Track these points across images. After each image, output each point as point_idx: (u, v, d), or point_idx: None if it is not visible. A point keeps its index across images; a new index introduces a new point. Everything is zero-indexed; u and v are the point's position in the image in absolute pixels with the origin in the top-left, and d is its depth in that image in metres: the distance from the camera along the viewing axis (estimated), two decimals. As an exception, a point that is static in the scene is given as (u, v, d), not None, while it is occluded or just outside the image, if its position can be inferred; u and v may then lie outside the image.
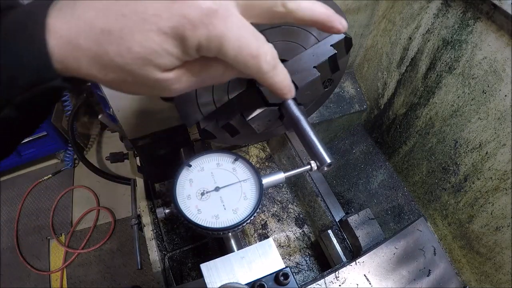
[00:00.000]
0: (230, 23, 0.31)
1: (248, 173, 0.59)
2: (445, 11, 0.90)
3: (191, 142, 0.90)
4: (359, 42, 1.23)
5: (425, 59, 1.00)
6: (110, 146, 2.45)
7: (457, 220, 0.99)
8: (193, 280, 0.97)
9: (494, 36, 0.79)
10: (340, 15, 0.40)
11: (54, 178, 2.35)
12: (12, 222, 2.17)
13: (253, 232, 1.06)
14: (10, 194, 2.31)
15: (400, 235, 0.81)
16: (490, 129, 0.85)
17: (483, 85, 0.84)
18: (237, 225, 0.53)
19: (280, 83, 0.39)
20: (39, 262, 2.04)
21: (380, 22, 1.14)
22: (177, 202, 0.55)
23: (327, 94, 0.76)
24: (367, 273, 0.76)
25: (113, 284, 1.93)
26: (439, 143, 1.02)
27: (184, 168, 0.59)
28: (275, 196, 1.14)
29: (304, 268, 1.02)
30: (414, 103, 1.08)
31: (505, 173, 0.83)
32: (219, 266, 0.55)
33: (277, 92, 0.40)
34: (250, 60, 0.34)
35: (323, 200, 1.00)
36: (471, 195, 0.93)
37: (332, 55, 0.56)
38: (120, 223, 2.14)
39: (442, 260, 0.79)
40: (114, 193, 2.23)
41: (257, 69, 0.35)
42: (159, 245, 1.00)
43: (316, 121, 1.25)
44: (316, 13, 0.37)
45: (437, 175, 1.04)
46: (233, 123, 0.58)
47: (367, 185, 1.27)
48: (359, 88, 1.34)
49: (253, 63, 0.34)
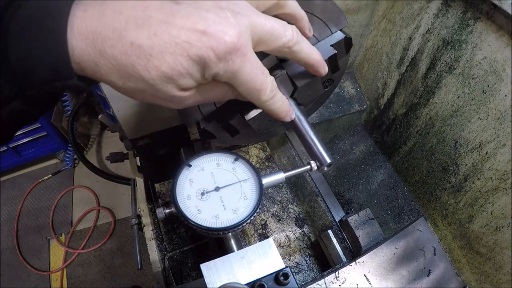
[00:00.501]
0: (246, 61, 0.36)
1: (248, 173, 0.59)
2: (445, 11, 0.90)
3: (191, 142, 0.90)
4: (359, 42, 1.23)
5: (425, 59, 1.00)
6: (110, 146, 2.45)
7: (457, 220, 0.99)
8: (193, 280, 0.97)
9: (494, 36, 0.79)
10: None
11: (54, 178, 2.35)
12: (12, 222, 2.17)
13: (253, 232, 1.06)
14: (10, 194, 2.31)
15: (400, 235, 0.81)
16: (490, 129, 0.85)
17: (483, 85, 0.84)
18: (237, 225, 0.53)
19: (276, 109, 0.45)
20: (39, 262, 2.04)
21: (380, 22, 1.14)
22: (177, 202, 0.55)
23: (327, 94, 0.76)
24: (367, 273, 0.76)
25: (113, 284, 1.93)
26: (439, 143, 1.02)
27: (184, 168, 0.59)
28: (275, 196, 1.14)
29: (304, 268, 1.02)
30: (414, 103, 1.08)
31: (505, 173, 0.83)
32: (219, 266, 0.54)
33: (274, 116, 0.47)
34: (253, 92, 0.40)
35: (323, 200, 1.00)
36: (471, 195, 0.93)
37: (332, 55, 0.56)
38: (120, 223, 2.14)
39: (442, 260, 0.79)
40: (114, 193, 2.23)
41: (257, 99, 0.41)
42: (159, 245, 1.00)
43: (316, 121, 1.25)
44: (311, 59, 0.45)
45: (437, 175, 1.04)
46: (233, 123, 0.58)
47: (367, 185, 1.27)
48: (359, 88, 1.34)
49: (256, 94, 0.40)
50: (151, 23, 0.32)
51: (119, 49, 0.31)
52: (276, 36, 0.39)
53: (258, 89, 0.39)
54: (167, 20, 0.32)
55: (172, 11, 0.32)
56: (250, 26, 0.36)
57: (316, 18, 0.56)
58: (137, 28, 0.31)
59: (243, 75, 0.37)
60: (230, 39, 0.33)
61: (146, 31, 0.31)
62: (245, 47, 0.35)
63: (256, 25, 0.37)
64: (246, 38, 0.35)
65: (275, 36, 0.39)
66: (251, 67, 0.37)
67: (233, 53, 0.34)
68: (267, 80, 0.40)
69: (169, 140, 0.85)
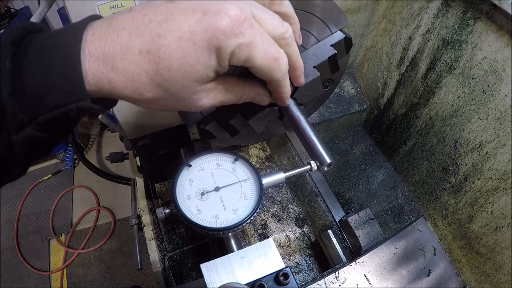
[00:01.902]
0: (255, 31, 0.34)
1: (248, 173, 0.59)
2: (445, 11, 0.90)
3: (191, 142, 0.90)
4: (359, 42, 1.23)
5: (425, 59, 1.00)
6: (110, 146, 2.45)
7: (457, 220, 0.99)
8: (193, 280, 0.97)
9: (494, 36, 0.79)
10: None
11: (54, 178, 2.35)
12: (12, 222, 2.17)
13: (253, 232, 1.06)
14: (10, 194, 2.31)
15: (400, 235, 0.81)
16: (490, 129, 0.85)
17: (483, 85, 0.84)
18: (237, 225, 0.53)
19: (288, 87, 0.43)
20: (39, 262, 2.04)
21: (380, 22, 1.14)
22: (177, 202, 0.55)
23: (327, 94, 0.76)
24: (367, 273, 0.76)
25: (113, 284, 1.93)
26: (439, 143, 1.02)
27: (184, 168, 0.59)
28: (275, 196, 1.14)
29: (304, 268, 1.02)
30: (414, 103, 1.08)
31: (505, 173, 0.83)
32: (219, 266, 0.55)
33: (283, 95, 0.44)
34: (273, 63, 0.37)
35: (323, 200, 1.00)
36: (471, 195, 0.93)
37: (332, 55, 0.56)
38: (120, 223, 2.14)
39: (442, 260, 0.79)
40: (114, 193, 2.23)
41: (278, 70, 0.38)
42: (159, 245, 1.00)
43: (316, 121, 1.25)
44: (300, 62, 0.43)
45: (437, 175, 1.04)
46: (233, 123, 0.58)
47: (367, 185, 1.27)
48: (359, 88, 1.34)
49: (276, 65, 0.37)
50: (152, 27, 0.32)
51: (129, 60, 0.32)
52: (275, 25, 0.38)
53: (276, 57, 0.37)
54: (167, 18, 0.32)
55: (170, 9, 0.33)
56: (250, 8, 0.35)
57: (316, 18, 0.56)
58: (141, 36, 0.32)
59: (258, 47, 0.35)
60: (234, 12, 0.32)
61: (149, 36, 0.32)
62: (250, 19, 0.34)
63: (254, 10, 0.36)
64: (248, 13, 0.34)
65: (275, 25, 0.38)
66: (262, 38, 0.35)
67: (241, 25, 0.33)
68: (280, 50, 0.38)
69: (169, 140, 0.85)
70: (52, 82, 0.30)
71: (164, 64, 0.32)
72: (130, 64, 0.32)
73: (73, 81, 0.31)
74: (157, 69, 0.32)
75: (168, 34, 0.32)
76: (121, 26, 0.32)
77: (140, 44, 0.32)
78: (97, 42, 0.32)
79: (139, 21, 0.33)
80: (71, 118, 0.33)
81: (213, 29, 0.32)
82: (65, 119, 0.32)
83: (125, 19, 0.33)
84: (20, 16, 1.95)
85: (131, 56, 0.32)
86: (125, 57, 0.32)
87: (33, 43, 0.31)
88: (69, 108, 0.31)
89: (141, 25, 0.32)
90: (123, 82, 0.33)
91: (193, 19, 0.32)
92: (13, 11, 1.97)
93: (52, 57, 0.31)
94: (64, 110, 0.31)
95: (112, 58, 0.32)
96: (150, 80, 0.33)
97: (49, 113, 0.31)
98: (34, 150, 0.35)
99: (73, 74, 0.31)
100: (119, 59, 0.32)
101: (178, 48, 0.32)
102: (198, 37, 0.32)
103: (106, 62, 0.32)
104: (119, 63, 0.32)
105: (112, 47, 0.32)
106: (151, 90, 0.34)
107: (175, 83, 0.34)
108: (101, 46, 0.32)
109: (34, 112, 0.31)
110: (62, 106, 0.31)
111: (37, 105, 0.31)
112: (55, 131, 0.35)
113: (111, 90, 0.33)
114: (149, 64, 0.32)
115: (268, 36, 0.36)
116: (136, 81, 0.33)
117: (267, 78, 0.39)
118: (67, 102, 0.31)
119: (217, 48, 0.33)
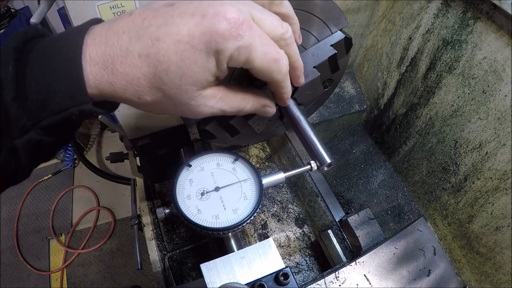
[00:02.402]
0: (254, 33, 0.34)
1: (248, 173, 0.59)
2: (445, 11, 0.90)
3: (191, 142, 0.90)
4: (359, 42, 1.23)
5: (425, 59, 1.00)
6: (110, 146, 2.45)
7: (457, 220, 0.99)
8: (193, 280, 0.97)
9: (494, 36, 0.79)
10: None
11: (54, 178, 2.35)
12: (12, 222, 2.17)
13: (253, 232, 1.06)
14: (10, 194, 2.31)
15: (400, 235, 0.81)
16: (490, 129, 0.85)
17: (483, 85, 0.84)
18: (237, 225, 0.54)
19: (289, 87, 0.43)
20: (39, 262, 2.04)
21: (380, 22, 1.14)
22: (177, 202, 0.55)
23: (327, 94, 0.76)
24: (367, 273, 0.76)
25: (113, 284, 1.93)
26: (439, 143, 1.02)
27: (184, 168, 0.59)
28: (275, 196, 1.14)
29: (304, 268, 1.02)
30: (414, 103, 1.08)
31: (505, 173, 0.83)
32: (219, 266, 0.55)
33: (284, 95, 0.44)
34: (273, 64, 0.37)
35: (323, 200, 1.00)
36: (471, 195, 0.93)
37: (332, 55, 0.56)
38: (120, 223, 2.14)
39: (442, 260, 0.79)
40: (114, 193, 2.23)
41: (278, 71, 0.38)
42: (159, 245, 1.00)
43: (316, 121, 1.25)
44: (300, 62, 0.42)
45: (437, 175, 1.04)
46: (233, 123, 0.58)
47: (367, 185, 1.27)
48: (359, 88, 1.34)
49: (276, 66, 0.37)
50: (151, 31, 0.32)
51: (129, 63, 0.32)
52: (275, 25, 0.37)
53: (276, 58, 0.37)
54: (166, 22, 0.32)
55: (169, 12, 0.33)
56: (249, 9, 0.35)
57: (316, 18, 0.56)
58: (140, 39, 0.32)
59: (257, 48, 0.34)
60: (232, 15, 0.32)
61: (148, 39, 0.32)
62: (249, 21, 0.34)
63: (253, 12, 0.36)
64: (247, 14, 0.34)
65: (274, 26, 0.37)
66: (262, 40, 0.35)
67: (239, 27, 0.33)
68: (280, 51, 0.38)
69: (169, 140, 0.85)
70: (54, 86, 0.31)
71: (162, 67, 0.32)
72: (130, 68, 0.32)
73: (75, 85, 0.31)
74: (155, 72, 0.33)
75: (167, 38, 0.32)
76: (121, 30, 0.33)
77: (139, 48, 0.32)
78: (97, 46, 0.32)
79: (139, 25, 0.33)
80: (73, 122, 0.33)
81: (211, 32, 0.32)
82: (68, 123, 0.33)
83: (125, 23, 0.33)
84: (20, 16, 1.95)
85: (130, 59, 0.32)
86: (125, 61, 0.32)
87: (35, 49, 0.32)
88: (72, 112, 0.32)
89: (140, 28, 0.33)
90: (123, 85, 0.33)
91: (192, 22, 0.32)
92: (13, 11, 1.98)
93: (54, 61, 0.31)
94: (66, 114, 0.32)
95: (112, 61, 0.32)
96: (149, 83, 0.33)
97: (52, 117, 0.32)
98: (38, 154, 0.35)
99: (75, 78, 0.31)
100: (119, 63, 0.32)
101: (176, 51, 0.32)
102: (196, 40, 0.32)
103: (107, 66, 0.32)
104: (119, 67, 0.32)
105: (112, 51, 0.32)
106: (150, 93, 0.34)
107: (173, 86, 0.34)
108: (102, 50, 0.32)
109: (37, 116, 0.31)
110: (64, 110, 0.32)
111: (40, 109, 0.31)
112: (58, 135, 0.35)
113: (112, 93, 0.33)
114: (148, 68, 0.32)
115: (267, 37, 0.36)
116: (135, 84, 0.33)
117: (267, 79, 0.39)
118: (70, 106, 0.31)
119: (215, 51, 0.33)
